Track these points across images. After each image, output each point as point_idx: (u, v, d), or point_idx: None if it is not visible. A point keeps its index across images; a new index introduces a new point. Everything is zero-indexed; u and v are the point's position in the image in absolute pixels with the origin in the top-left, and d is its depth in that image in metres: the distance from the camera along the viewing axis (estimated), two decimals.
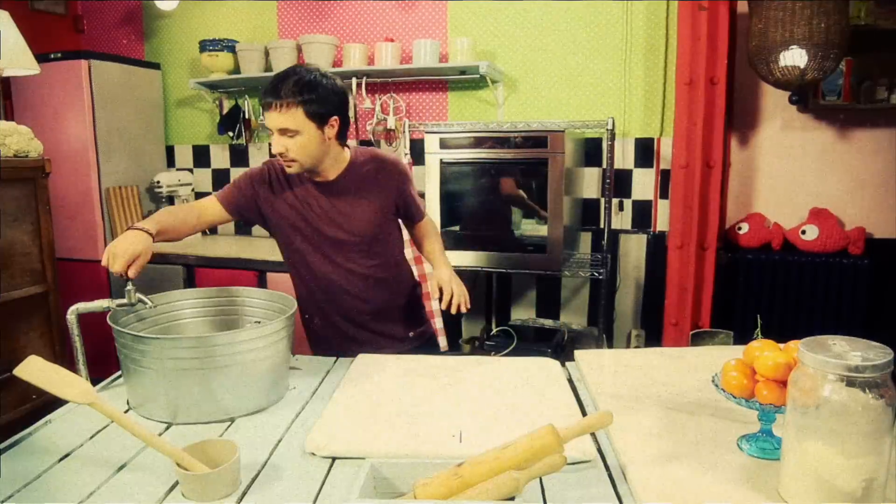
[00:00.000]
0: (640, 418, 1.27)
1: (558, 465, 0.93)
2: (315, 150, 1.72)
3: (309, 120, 1.66)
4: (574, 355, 1.66)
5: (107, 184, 3.56)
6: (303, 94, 1.64)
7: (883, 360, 0.87)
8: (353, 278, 1.88)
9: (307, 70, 1.69)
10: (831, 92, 2.94)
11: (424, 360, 1.65)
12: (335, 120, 1.72)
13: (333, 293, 1.89)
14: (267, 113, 1.67)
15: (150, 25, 4.03)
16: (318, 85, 1.67)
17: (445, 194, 3.05)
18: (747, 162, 3.25)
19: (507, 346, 3.09)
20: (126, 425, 1.08)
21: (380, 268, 1.91)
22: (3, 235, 2.58)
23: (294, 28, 3.76)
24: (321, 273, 1.87)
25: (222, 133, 3.87)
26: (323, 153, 1.75)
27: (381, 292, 1.92)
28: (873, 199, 3.07)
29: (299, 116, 1.65)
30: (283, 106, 1.64)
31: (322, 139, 1.71)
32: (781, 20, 2.54)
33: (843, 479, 0.89)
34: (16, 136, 2.61)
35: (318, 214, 1.83)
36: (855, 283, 2.89)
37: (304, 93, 1.64)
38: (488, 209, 3.12)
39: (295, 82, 1.64)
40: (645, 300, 3.39)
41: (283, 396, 1.45)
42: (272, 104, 1.65)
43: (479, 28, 3.45)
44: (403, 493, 0.99)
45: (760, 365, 1.06)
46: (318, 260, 1.86)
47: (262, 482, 1.08)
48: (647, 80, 3.25)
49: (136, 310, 1.53)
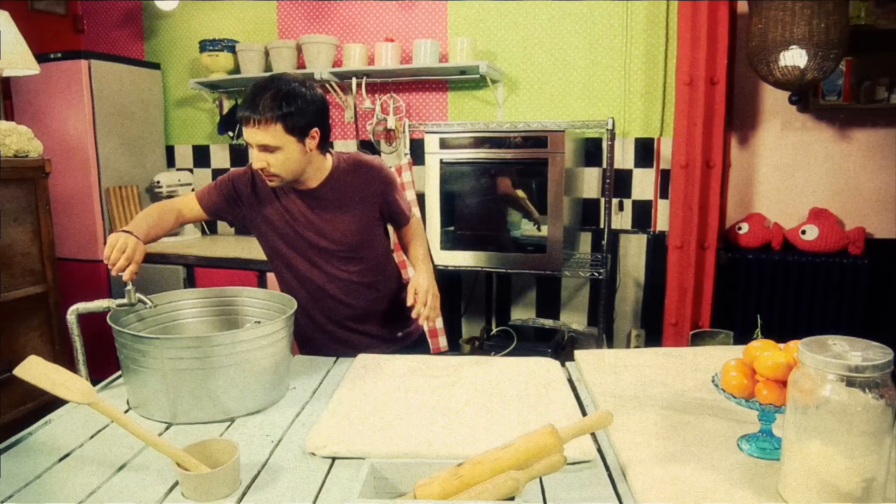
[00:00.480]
0: (640, 418, 1.27)
1: (558, 465, 0.93)
2: (296, 165, 1.68)
3: (289, 135, 1.62)
4: (574, 355, 1.66)
5: (107, 184, 3.56)
6: (281, 108, 1.58)
7: (883, 359, 0.87)
8: (338, 283, 1.86)
9: (284, 81, 1.63)
10: (831, 92, 2.94)
11: (425, 360, 1.65)
12: (315, 131, 1.68)
13: (317, 296, 1.87)
14: (245, 128, 1.62)
15: (150, 25, 4.03)
16: (296, 96, 1.61)
17: (445, 194, 3.05)
18: (747, 162, 3.25)
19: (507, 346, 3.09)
20: (126, 425, 1.08)
21: (364, 272, 1.89)
22: (4, 235, 2.58)
23: (294, 28, 3.76)
24: (305, 277, 1.86)
25: (222, 133, 3.87)
26: (305, 165, 1.71)
27: (365, 295, 1.90)
28: (873, 199, 3.08)
29: (279, 132, 1.60)
30: (261, 122, 1.59)
31: (303, 152, 1.67)
32: (781, 20, 2.54)
33: (843, 479, 0.89)
34: (16, 136, 2.61)
35: (302, 223, 1.81)
36: (855, 283, 2.89)
37: (282, 107, 1.58)
38: (488, 209, 3.12)
39: (272, 96, 1.59)
40: (645, 300, 3.39)
41: (283, 396, 1.45)
42: (250, 119, 1.60)
43: (479, 28, 3.45)
44: (404, 493, 0.99)
45: (760, 365, 1.06)
46: (301, 264, 1.85)
47: (262, 482, 1.08)
48: (647, 80, 3.26)
49: (136, 310, 1.53)
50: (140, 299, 1.51)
